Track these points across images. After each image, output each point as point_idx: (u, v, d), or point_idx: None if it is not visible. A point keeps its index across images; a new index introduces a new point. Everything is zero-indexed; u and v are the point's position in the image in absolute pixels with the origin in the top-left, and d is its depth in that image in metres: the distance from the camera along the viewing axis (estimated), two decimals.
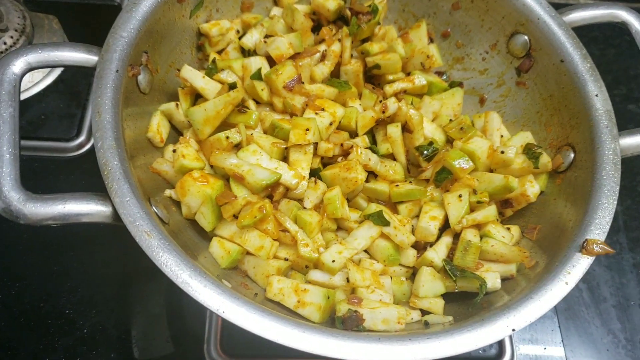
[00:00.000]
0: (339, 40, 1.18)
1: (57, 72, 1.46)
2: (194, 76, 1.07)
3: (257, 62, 1.12)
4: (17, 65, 0.92)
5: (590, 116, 1.04)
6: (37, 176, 1.33)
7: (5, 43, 1.40)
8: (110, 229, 0.88)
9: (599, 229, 0.93)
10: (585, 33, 1.81)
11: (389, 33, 1.26)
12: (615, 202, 0.97)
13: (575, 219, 0.98)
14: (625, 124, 1.68)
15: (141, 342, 1.19)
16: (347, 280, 0.99)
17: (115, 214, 0.85)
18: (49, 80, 1.45)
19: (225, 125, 1.08)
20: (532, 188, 1.07)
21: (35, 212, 0.83)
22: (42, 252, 1.24)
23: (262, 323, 0.79)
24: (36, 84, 1.44)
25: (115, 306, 1.21)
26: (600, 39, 1.83)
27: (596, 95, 1.05)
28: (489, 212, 1.03)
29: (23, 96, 1.41)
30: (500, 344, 1.23)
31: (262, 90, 1.11)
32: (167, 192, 1.03)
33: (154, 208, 0.91)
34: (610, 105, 1.05)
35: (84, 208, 0.85)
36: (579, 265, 0.90)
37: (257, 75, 1.11)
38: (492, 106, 1.26)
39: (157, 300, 1.23)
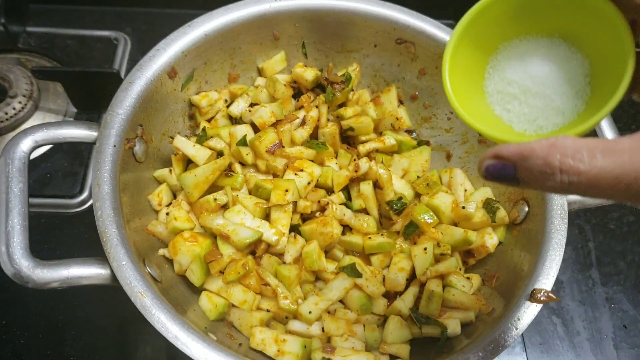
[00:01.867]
0: (317, 106, 1.31)
1: None
2: (185, 145, 1.18)
3: (242, 130, 1.24)
4: (26, 144, 1.03)
5: None
6: (44, 231, 1.43)
7: (14, 108, 1.52)
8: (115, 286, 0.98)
9: (546, 279, 1.03)
10: None
11: (363, 96, 1.38)
12: (562, 253, 1.07)
13: (527, 268, 1.08)
14: None
15: None
16: (323, 329, 1.09)
17: (113, 276, 0.96)
18: None
19: (214, 187, 1.19)
20: (491, 240, 1.17)
21: (42, 277, 0.94)
22: (48, 302, 1.34)
23: None
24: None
25: (117, 353, 1.31)
26: None
27: None
28: (451, 263, 1.13)
29: (31, 156, 1.51)
30: None
31: (247, 154, 1.22)
32: (161, 251, 1.14)
33: (147, 269, 1.02)
34: None
35: (85, 272, 0.97)
36: (528, 312, 1.00)
37: (243, 142, 1.22)
38: (458, 161, 1.37)
39: (155, 345, 1.32)
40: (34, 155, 1.52)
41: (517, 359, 1.39)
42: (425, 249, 1.14)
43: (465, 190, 1.29)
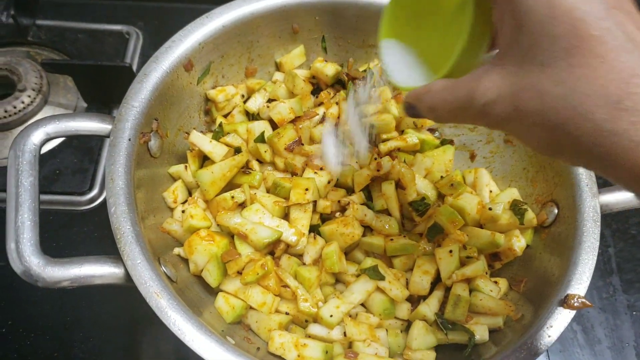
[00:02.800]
0: (337, 103, 1.26)
1: None
2: (201, 141, 1.15)
3: (260, 127, 1.20)
4: (37, 136, 0.99)
5: (572, 174, 1.10)
6: (53, 229, 1.39)
7: (23, 102, 1.49)
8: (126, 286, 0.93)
9: (579, 284, 0.99)
10: None
11: (384, 93, 1.33)
12: (595, 258, 1.02)
13: (558, 273, 1.03)
14: None
15: None
16: (345, 334, 1.05)
17: (127, 276, 0.91)
18: (62, 137, 1.52)
19: (230, 185, 1.15)
20: (519, 242, 1.13)
21: (52, 276, 0.89)
22: (56, 303, 1.30)
23: None
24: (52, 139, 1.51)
25: (126, 355, 1.27)
26: None
27: None
28: (478, 266, 1.08)
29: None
30: None
31: (265, 152, 1.18)
32: (176, 250, 1.09)
33: (163, 268, 0.98)
34: None
35: (98, 271, 0.92)
36: (561, 319, 0.96)
37: (261, 139, 1.18)
38: (482, 162, 1.33)
39: (165, 347, 1.28)
40: (42, 150, 1.47)
41: None
42: (450, 251, 1.09)
43: (491, 191, 1.24)
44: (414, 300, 1.13)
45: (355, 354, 0.99)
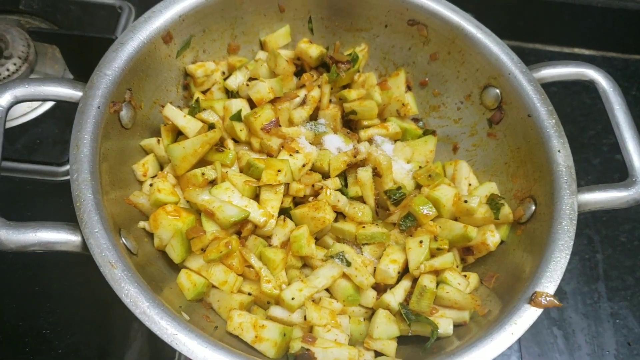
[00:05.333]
0: (319, 86, 1.24)
1: None
2: (175, 115, 1.12)
3: (237, 104, 1.17)
4: (5, 98, 0.98)
5: (552, 171, 1.08)
6: (28, 198, 1.38)
7: (8, 69, 1.47)
8: (88, 256, 0.91)
9: (549, 282, 0.96)
10: (577, 82, 1.83)
11: (369, 79, 1.31)
12: (569, 256, 1.00)
13: (529, 270, 1.01)
14: (612, 173, 1.71)
15: None
16: (305, 318, 1.02)
17: (84, 244, 0.90)
18: (46, 107, 1.50)
19: (203, 162, 1.13)
20: (493, 237, 1.10)
21: (7, 239, 0.88)
22: (24, 272, 1.29)
23: (212, 357, 0.83)
24: (34, 109, 1.50)
25: (91, 329, 1.25)
26: (592, 89, 1.86)
27: (559, 151, 1.09)
28: (447, 259, 1.06)
29: (22, 120, 1.47)
30: None
31: (241, 130, 1.16)
32: (141, 223, 1.08)
33: (122, 240, 0.96)
34: (571, 162, 1.08)
35: (55, 237, 0.91)
36: (526, 317, 0.93)
37: (237, 117, 1.16)
38: (465, 154, 1.30)
39: (131, 325, 1.27)
40: (24, 119, 1.47)
41: None
42: (421, 241, 1.07)
43: (470, 184, 1.22)
44: (381, 289, 1.10)
45: (313, 338, 0.97)
